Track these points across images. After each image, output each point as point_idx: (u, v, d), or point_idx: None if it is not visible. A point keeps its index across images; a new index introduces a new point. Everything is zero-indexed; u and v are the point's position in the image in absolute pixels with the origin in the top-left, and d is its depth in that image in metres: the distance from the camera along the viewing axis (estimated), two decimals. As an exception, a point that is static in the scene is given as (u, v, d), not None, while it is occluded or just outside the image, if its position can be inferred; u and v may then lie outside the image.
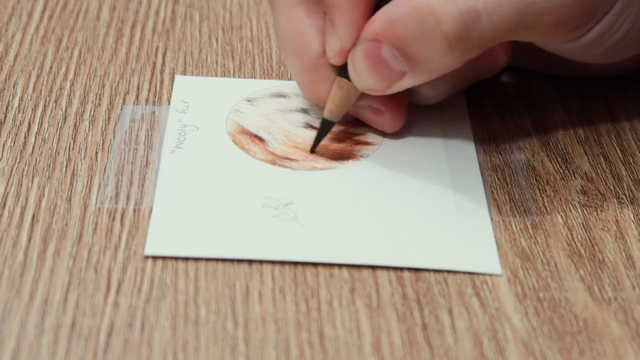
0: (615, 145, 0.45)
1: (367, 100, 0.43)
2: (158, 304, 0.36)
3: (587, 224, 0.41)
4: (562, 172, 0.43)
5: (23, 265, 0.37)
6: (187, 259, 0.38)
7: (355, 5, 0.40)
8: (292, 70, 0.44)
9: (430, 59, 0.39)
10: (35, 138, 0.43)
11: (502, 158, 0.44)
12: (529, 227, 0.40)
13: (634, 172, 0.43)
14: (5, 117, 0.45)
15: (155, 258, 0.38)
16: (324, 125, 0.43)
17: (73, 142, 0.43)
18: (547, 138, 0.45)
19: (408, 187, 0.42)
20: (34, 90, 0.46)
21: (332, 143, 0.44)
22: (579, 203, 0.42)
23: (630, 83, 0.49)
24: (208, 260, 0.38)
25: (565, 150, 0.44)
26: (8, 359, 0.34)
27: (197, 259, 0.38)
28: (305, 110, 0.46)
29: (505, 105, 0.47)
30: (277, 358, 0.35)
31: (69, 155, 0.43)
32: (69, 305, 0.36)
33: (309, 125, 0.45)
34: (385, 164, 0.43)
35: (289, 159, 0.43)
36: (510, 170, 0.43)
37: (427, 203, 0.41)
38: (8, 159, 0.42)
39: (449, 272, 0.38)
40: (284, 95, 0.47)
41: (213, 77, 0.48)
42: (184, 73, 0.48)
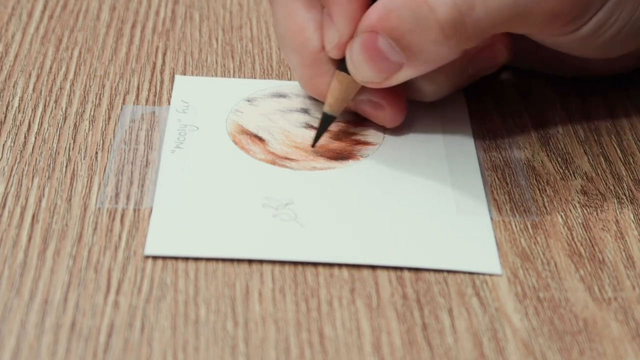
0: (615, 145, 0.45)
1: (367, 95, 0.43)
2: (158, 304, 0.36)
3: (587, 224, 0.41)
4: (562, 172, 0.43)
5: (23, 265, 0.37)
6: (187, 259, 0.38)
7: None
8: (291, 65, 0.44)
9: (427, 49, 0.39)
10: (35, 138, 0.43)
11: (502, 158, 0.44)
12: (529, 227, 0.40)
13: (634, 172, 0.43)
14: (5, 117, 0.45)
15: (155, 258, 0.38)
16: (325, 120, 0.43)
17: (73, 142, 0.43)
18: (547, 138, 0.45)
19: (408, 187, 0.42)
20: (34, 90, 0.46)
21: (332, 143, 0.44)
22: (579, 203, 0.42)
23: (630, 83, 0.49)
24: (208, 260, 0.38)
25: (565, 150, 0.44)
26: (8, 359, 0.34)
27: (197, 259, 0.38)
28: (305, 110, 0.46)
29: (505, 105, 0.47)
30: (277, 358, 0.35)
31: (69, 155, 0.43)
32: (69, 305, 0.36)
33: (309, 125, 0.45)
34: (385, 164, 0.43)
35: (289, 159, 0.43)
36: (510, 170, 0.43)
37: (427, 203, 0.41)
38: (8, 159, 0.42)
39: (449, 272, 0.38)
40: (284, 95, 0.47)
41: (213, 77, 0.48)
42: (184, 73, 0.48)
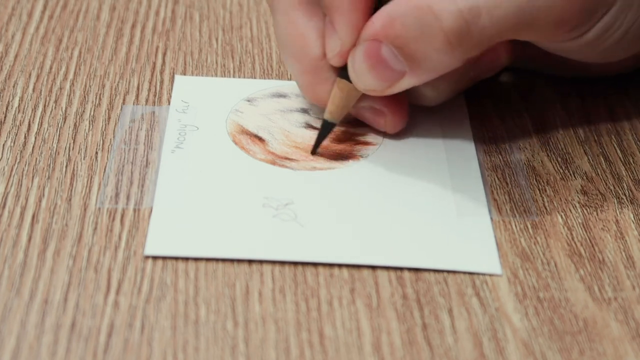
0: (615, 145, 0.45)
1: (368, 102, 0.43)
2: (158, 304, 0.36)
3: (587, 224, 0.41)
4: (562, 172, 0.43)
5: (23, 265, 0.37)
6: (187, 259, 0.38)
7: (355, 6, 0.40)
8: (292, 72, 0.44)
9: (430, 58, 0.39)
10: (35, 138, 0.43)
11: (502, 158, 0.44)
12: (529, 227, 0.40)
13: (634, 172, 0.43)
14: (5, 117, 0.45)
15: (155, 258, 0.38)
16: (325, 127, 0.43)
17: (73, 142, 0.43)
18: (547, 138, 0.45)
19: (408, 187, 0.42)
20: (34, 90, 0.46)
21: (332, 143, 0.44)
22: (579, 203, 0.42)
23: (630, 83, 0.49)
24: (208, 260, 0.38)
25: (565, 150, 0.44)
26: (8, 359, 0.34)
27: (197, 259, 0.38)
28: (305, 110, 0.46)
29: (505, 106, 0.47)
30: (277, 358, 0.35)
31: (69, 155, 0.43)
32: (69, 305, 0.36)
33: (309, 125, 0.45)
34: (385, 164, 0.43)
35: (289, 159, 0.43)
36: (510, 170, 0.43)
37: (427, 203, 0.41)
38: (8, 159, 0.42)
39: (449, 272, 0.38)
40: (284, 95, 0.47)
41: (213, 77, 0.48)
42: (184, 73, 0.48)
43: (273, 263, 0.38)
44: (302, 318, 0.36)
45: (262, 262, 0.38)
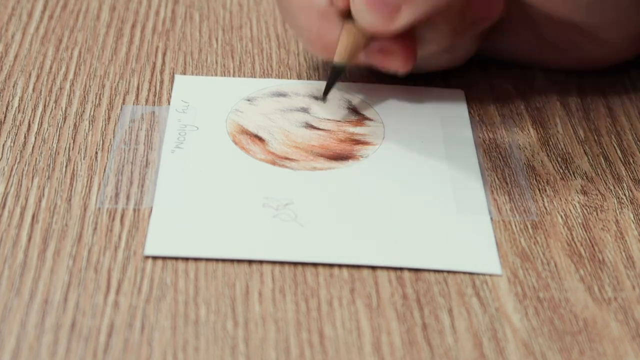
0: (615, 145, 0.45)
1: (377, 43, 0.43)
2: (158, 304, 0.36)
3: (587, 224, 0.41)
4: (562, 172, 0.43)
5: (23, 265, 0.37)
6: (187, 259, 0.38)
7: None
8: (299, 26, 0.44)
9: None
10: (35, 138, 0.43)
11: (502, 158, 0.44)
12: (529, 227, 0.40)
13: (634, 172, 0.43)
14: (5, 117, 0.45)
15: (155, 258, 0.38)
16: (334, 71, 0.43)
17: (73, 142, 0.43)
18: (547, 138, 0.45)
19: (408, 187, 0.42)
20: (34, 90, 0.46)
21: (332, 143, 0.44)
22: (579, 203, 0.42)
23: (630, 83, 0.49)
24: (208, 260, 0.38)
25: (565, 150, 0.44)
26: (8, 359, 0.34)
27: (197, 259, 0.38)
28: (305, 110, 0.46)
29: (505, 105, 0.47)
30: (277, 358, 0.35)
31: (69, 155, 0.43)
32: (69, 305, 0.36)
33: (309, 125, 0.45)
34: (385, 164, 0.43)
35: (289, 159, 0.43)
36: (510, 170, 0.43)
37: (427, 203, 0.41)
38: (8, 159, 0.42)
39: (449, 272, 0.38)
40: (284, 95, 0.47)
41: (213, 76, 0.48)
42: (184, 73, 0.48)
43: (273, 263, 0.38)
44: (302, 318, 0.36)
45: (262, 262, 0.38)
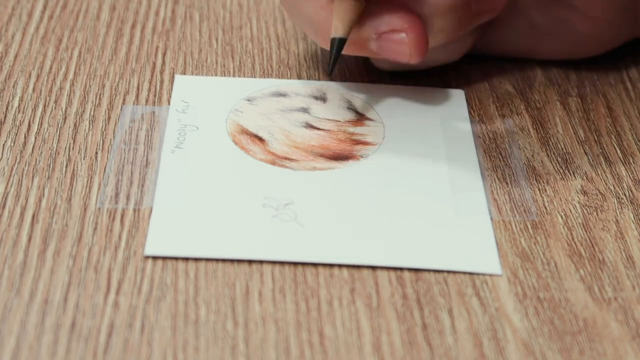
0: (615, 145, 0.45)
1: (385, 24, 0.42)
2: (158, 304, 0.36)
3: (587, 224, 0.41)
4: (562, 172, 0.43)
5: (23, 265, 0.37)
6: (187, 259, 0.38)
7: None
8: (304, 18, 0.43)
9: None
10: (35, 138, 0.43)
11: (502, 158, 0.44)
12: (529, 227, 0.40)
13: (634, 172, 0.43)
14: (5, 117, 0.45)
15: (155, 258, 0.38)
16: (335, 45, 0.43)
17: (73, 142, 0.43)
18: (547, 138, 0.45)
19: (408, 187, 0.42)
20: (34, 90, 0.46)
21: (332, 143, 0.44)
22: (579, 203, 0.42)
23: (631, 83, 0.49)
24: (208, 260, 0.38)
25: (565, 150, 0.44)
26: (8, 359, 0.34)
27: (197, 259, 0.38)
28: (305, 110, 0.46)
29: (505, 105, 0.47)
30: (277, 358, 0.35)
31: (69, 155, 0.43)
32: (69, 305, 0.36)
33: (309, 125, 0.45)
34: (385, 164, 0.43)
35: (289, 159, 0.43)
36: (510, 170, 0.43)
37: (427, 203, 0.41)
38: (8, 159, 0.42)
39: (449, 272, 0.38)
40: (284, 95, 0.47)
41: (213, 76, 0.48)
42: (184, 73, 0.48)
43: (273, 263, 0.38)
44: (302, 318, 0.36)
45: (262, 262, 0.38)
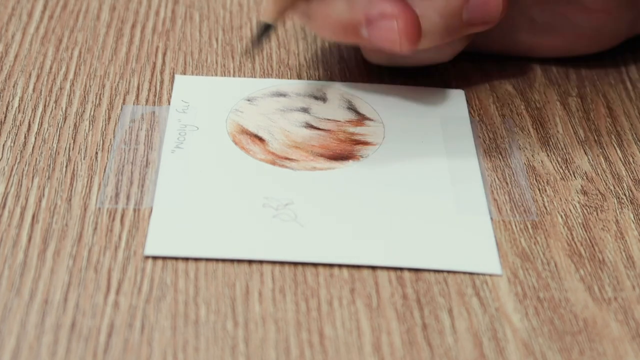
0: (615, 145, 0.45)
1: (374, 7, 0.42)
2: (158, 304, 0.36)
3: (587, 224, 0.41)
4: (562, 172, 0.43)
5: (23, 265, 0.37)
6: (187, 259, 0.38)
7: None
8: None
9: None
10: (35, 138, 0.43)
11: (502, 158, 0.44)
12: (529, 227, 0.40)
13: (634, 172, 0.43)
14: (5, 117, 0.45)
15: (155, 258, 0.38)
16: (260, 28, 0.42)
17: (73, 142, 0.43)
18: (547, 138, 0.45)
19: (408, 187, 0.42)
20: (34, 90, 0.46)
21: (332, 143, 0.44)
22: (579, 203, 0.42)
23: (631, 83, 0.49)
24: (208, 260, 0.38)
25: (565, 150, 0.44)
26: (8, 359, 0.34)
27: (197, 259, 0.38)
28: (306, 110, 0.46)
29: (505, 105, 0.47)
30: (277, 358, 0.35)
31: (69, 155, 0.43)
32: (69, 305, 0.36)
33: (309, 125, 0.45)
34: (385, 164, 0.43)
35: (289, 159, 0.43)
36: (510, 170, 0.43)
37: (427, 203, 0.41)
38: (8, 159, 0.42)
39: (449, 272, 0.38)
40: (284, 95, 0.47)
41: (213, 76, 0.48)
42: (184, 73, 0.48)
43: (273, 263, 0.38)
44: (302, 318, 0.36)
45: (262, 262, 0.38)
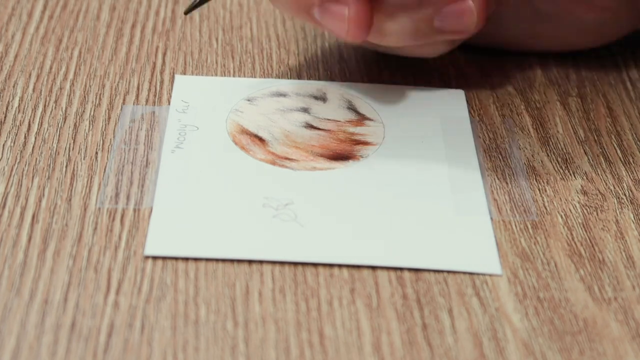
0: (615, 145, 0.45)
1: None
2: (158, 304, 0.36)
3: (587, 224, 0.41)
4: (562, 172, 0.43)
5: (23, 265, 0.37)
6: (187, 259, 0.38)
7: None
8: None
9: None
10: (35, 138, 0.43)
11: (502, 158, 0.44)
12: (529, 227, 0.40)
13: (634, 172, 0.43)
14: (5, 117, 0.45)
15: (155, 258, 0.38)
16: None
17: (73, 142, 0.43)
18: (547, 138, 0.45)
19: (408, 187, 0.42)
20: (34, 90, 0.46)
21: (332, 143, 0.44)
22: (579, 203, 0.42)
23: (631, 83, 0.49)
24: (208, 260, 0.38)
25: (565, 150, 0.44)
26: (8, 359, 0.34)
27: (197, 259, 0.38)
28: (306, 110, 0.46)
29: (505, 105, 0.47)
30: (277, 358, 0.35)
31: (69, 155, 0.43)
32: (69, 305, 0.36)
33: (309, 125, 0.45)
34: (385, 164, 0.43)
35: (289, 159, 0.43)
36: (510, 170, 0.43)
37: (427, 203, 0.41)
38: (8, 159, 0.42)
39: (449, 272, 0.38)
40: (284, 95, 0.47)
41: (213, 76, 0.48)
42: (184, 73, 0.48)
43: (273, 263, 0.38)
44: (302, 318, 0.36)
45: (262, 262, 0.38)
